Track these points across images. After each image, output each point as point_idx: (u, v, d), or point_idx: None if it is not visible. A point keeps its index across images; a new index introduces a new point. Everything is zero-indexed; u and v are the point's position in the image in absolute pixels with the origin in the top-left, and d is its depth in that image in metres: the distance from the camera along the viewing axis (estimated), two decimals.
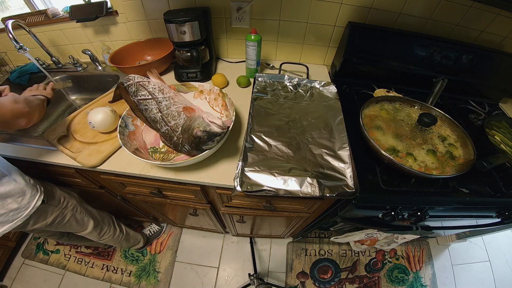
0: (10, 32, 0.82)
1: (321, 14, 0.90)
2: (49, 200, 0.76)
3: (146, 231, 1.43)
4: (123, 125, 0.66)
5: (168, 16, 0.79)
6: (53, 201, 0.78)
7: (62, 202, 0.82)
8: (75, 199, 0.89)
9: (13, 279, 1.35)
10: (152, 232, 1.44)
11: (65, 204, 0.83)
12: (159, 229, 1.47)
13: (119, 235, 1.13)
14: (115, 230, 1.10)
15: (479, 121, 0.87)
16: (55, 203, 0.79)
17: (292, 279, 1.38)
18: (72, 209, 0.86)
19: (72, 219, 0.86)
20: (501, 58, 0.86)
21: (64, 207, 0.82)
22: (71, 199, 0.86)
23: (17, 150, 0.74)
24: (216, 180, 0.64)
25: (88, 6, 0.95)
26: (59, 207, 0.80)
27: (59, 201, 0.80)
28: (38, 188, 0.72)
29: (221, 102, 0.75)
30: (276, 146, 0.67)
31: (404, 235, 1.00)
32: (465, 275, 1.42)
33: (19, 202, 0.65)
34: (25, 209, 0.67)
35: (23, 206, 0.66)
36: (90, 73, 1.07)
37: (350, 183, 0.59)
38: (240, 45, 1.04)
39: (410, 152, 0.66)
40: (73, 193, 0.90)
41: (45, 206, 0.74)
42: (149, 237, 1.42)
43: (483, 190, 0.66)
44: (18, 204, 0.65)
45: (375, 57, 0.91)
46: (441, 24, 0.87)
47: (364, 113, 0.74)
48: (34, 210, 0.69)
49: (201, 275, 1.38)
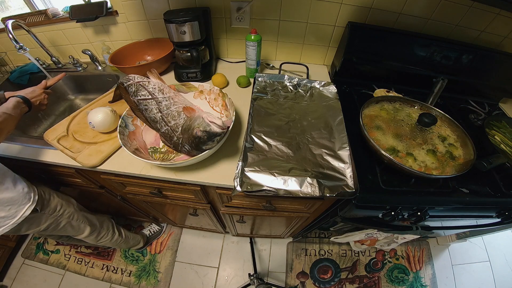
0: (10, 32, 0.82)
1: (321, 14, 0.90)
2: (43, 209, 0.76)
3: (146, 231, 1.44)
4: (123, 125, 0.66)
5: (168, 16, 0.79)
6: (48, 209, 0.77)
7: (58, 210, 0.81)
8: (73, 206, 0.89)
9: (13, 279, 1.35)
10: (152, 232, 1.45)
11: (61, 212, 0.82)
12: (159, 229, 1.47)
13: (117, 239, 1.13)
14: (113, 234, 1.11)
15: (479, 121, 0.87)
16: (50, 212, 0.78)
17: (292, 279, 1.38)
18: (68, 217, 0.86)
19: (68, 225, 0.86)
20: (501, 58, 0.86)
21: (60, 215, 0.82)
22: (68, 206, 0.86)
23: (17, 150, 0.74)
24: (216, 180, 0.64)
25: (88, 6, 0.95)
26: (54, 215, 0.80)
27: (54, 209, 0.80)
28: (31, 198, 0.71)
29: (221, 102, 0.75)
30: (276, 146, 0.67)
31: (404, 235, 1.00)
32: (465, 275, 1.42)
33: (6, 210, 0.64)
34: (12, 217, 0.66)
35: (11, 215, 0.66)
36: (90, 73, 1.07)
37: (350, 183, 0.59)
38: (240, 45, 1.04)
39: (410, 152, 0.66)
40: (72, 200, 0.90)
41: (38, 215, 0.74)
42: (149, 237, 1.42)
43: (483, 190, 0.66)
44: (5, 212, 0.64)
45: (375, 57, 0.91)
46: (441, 24, 0.87)
47: (364, 113, 0.74)
48: (23, 219, 0.68)
49: (201, 275, 1.38)
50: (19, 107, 0.63)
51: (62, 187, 0.97)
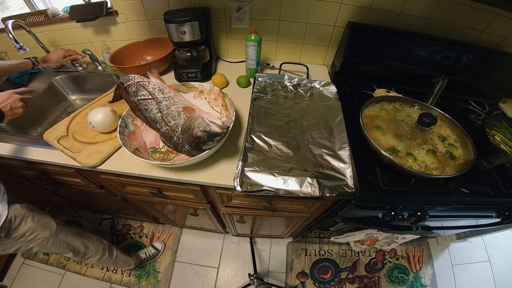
0: (10, 32, 0.82)
1: (321, 14, 0.90)
2: (8, 235, 0.71)
3: (142, 254, 1.37)
4: (123, 125, 0.66)
5: (168, 16, 0.79)
6: (14, 235, 0.73)
7: (27, 235, 0.76)
8: (50, 231, 0.82)
9: (13, 279, 1.34)
10: (147, 256, 1.38)
11: (31, 238, 0.77)
12: (155, 253, 1.41)
13: (106, 260, 1.08)
14: (102, 256, 1.06)
15: (479, 121, 0.87)
16: (17, 238, 0.74)
17: (292, 279, 1.38)
18: (41, 242, 0.81)
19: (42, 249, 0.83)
20: (501, 58, 0.86)
21: (29, 241, 0.77)
22: (42, 231, 0.80)
23: (17, 150, 0.74)
24: (216, 180, 0.64)
25: (88, 6, 0.95)
26: (21, 241, 0.76)
27: (23, 235, 0.75)
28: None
29: (221, 102, 0.75)
30: (276, 146, 0.67)
31: (404, 235, 1.00)
32: (465, 275, 1.42)
33: None
34: None
35: None
36: (90, 73, 1.07)
37: (350, 183, 0.59)
38: (240, 45, 1.04)
39: (410, 152, 0.66)
40: (51, 224, 0.84)
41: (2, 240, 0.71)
42: (143, 259, 1.36)
43: (483, 190, 0.66)
44: None
45: (375, 57, 0.91)
46: (441, 24, 0.87)
47: (364, 113, 0.74)
48: None
49: (201, 275, 1.38)
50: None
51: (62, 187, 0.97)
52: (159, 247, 1.43)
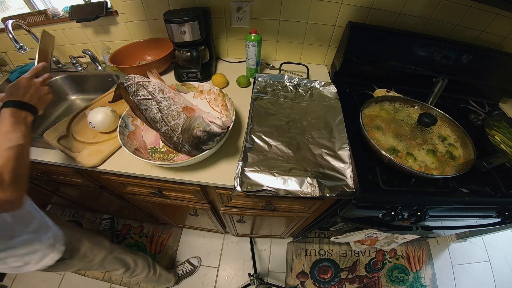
0: (10, 32, 0.82)
1: (321, 14, 0.90)
2: (72, 256, 0.71)
3: (179, 270, 1.36)
4: (123, 125, 0.66)
5: (168, 16, 0.79)
6: (77, 256, 0.73)
7: (87, 256, 0.76)
8: (105, 250, 0.83)
9: (13, 279, 1.35)
10: (184, 272, 1.36)
11: (90, 258, 0.78)
12: (192, 269, 1.38)
13: (151, 277, 1.09)
14: (148, 273, 1.06)
15: (479, 121, 0.87)
16: (79, 258, 0.74)
17: (292, 279, 1.38)
18: (100, 261, 0.82)
19: (99, 267, 0.83)
20: (501, 58, 0.86)
21: (89, 260, 0.78)
22: (100, 251, 0.81)
23: None
24: (216, 180, 0.64)
25: (88, 6, 0.95)
26: (83, 261, 0.76)
27: (83, 256, 0.75)
28: (57, 248, 0.65)
29: (221, 102, 0.75)
30: (276, 146, 0.67)
31: (404, 235, 1.00)
32: (465, 275, 1.42)
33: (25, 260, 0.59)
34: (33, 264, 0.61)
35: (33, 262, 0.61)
36: (90, 73, 1.07)
37: (350, 183, 0.59)
38: (240, 45, 1.04)
39: (410, 152, 0.66)
40: (104, 242, 0.85)
41: (67, 261, 0.69)
42: (180, 276, 1.35)
43: (483, 190, 0.66)
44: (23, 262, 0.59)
45: (375, 57, 0.91)
46: (441, 24, 0.87)
47: (364, 113, 0.74)
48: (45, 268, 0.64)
49: (201, 275, 1.38)
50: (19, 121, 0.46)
51: (62, 187, 0.97)
52: (195, 263, 1.40)
